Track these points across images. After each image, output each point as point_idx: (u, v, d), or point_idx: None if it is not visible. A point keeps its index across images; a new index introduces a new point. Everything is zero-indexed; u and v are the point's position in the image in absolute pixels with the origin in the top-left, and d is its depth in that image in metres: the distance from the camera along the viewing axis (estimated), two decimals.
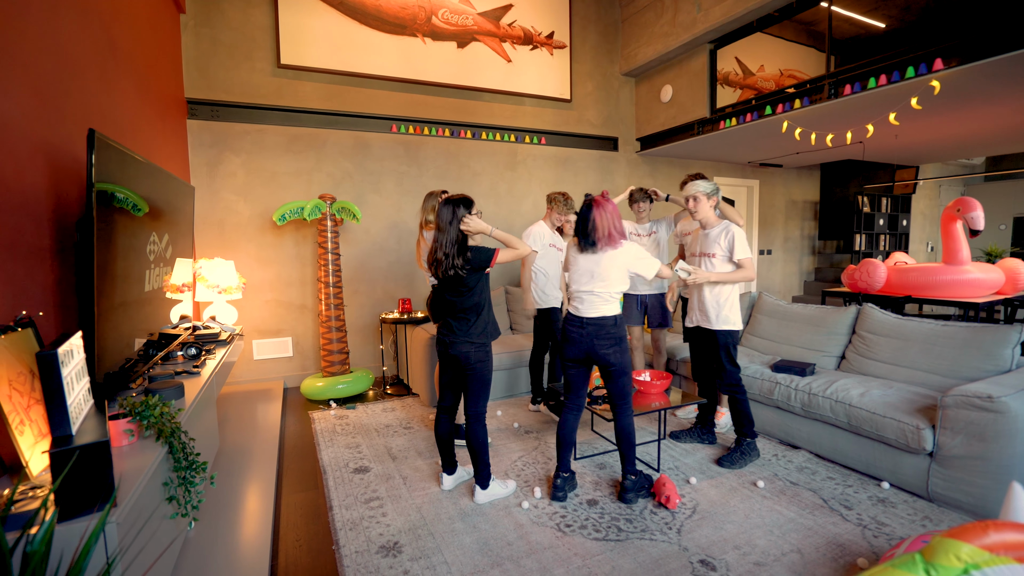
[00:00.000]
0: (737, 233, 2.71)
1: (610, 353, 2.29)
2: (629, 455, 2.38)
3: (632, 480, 2.39)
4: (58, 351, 1.20)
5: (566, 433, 2.43)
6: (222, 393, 3.99)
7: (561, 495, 2.39)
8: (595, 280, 2.30)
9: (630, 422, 2.37)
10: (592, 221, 2.29)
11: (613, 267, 2.28)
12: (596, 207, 2.29)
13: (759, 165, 6.61)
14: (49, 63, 1.81)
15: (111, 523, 1.17)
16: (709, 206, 2.79)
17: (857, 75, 3.56)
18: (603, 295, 2.30)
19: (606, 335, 2.29)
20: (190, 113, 4.00)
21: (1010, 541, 0.71)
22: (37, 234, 1.66)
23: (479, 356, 2.29)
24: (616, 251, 2.29)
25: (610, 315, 2.31)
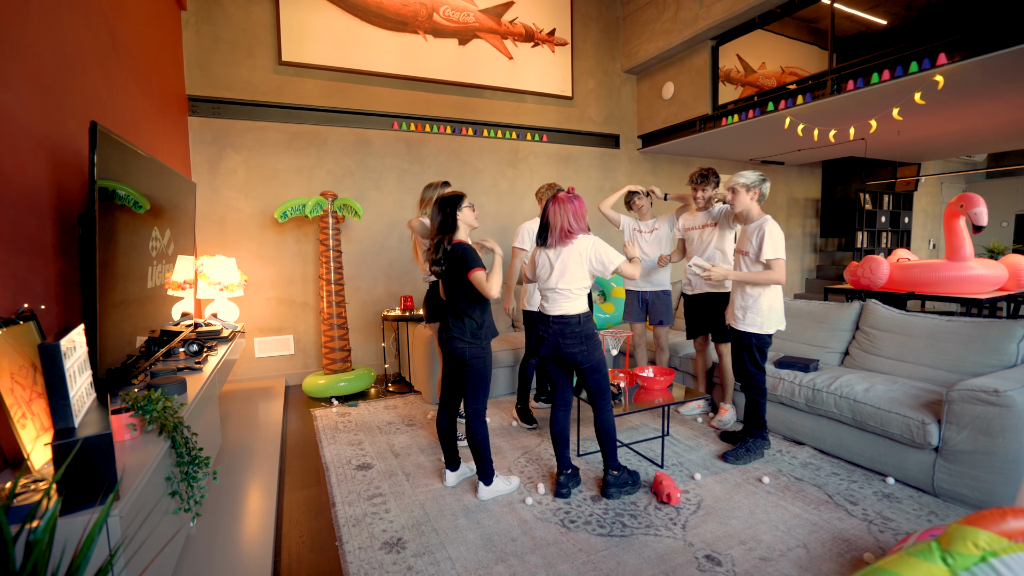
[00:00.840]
0: (769, 231, 2.55)
1: (576, 352, 2.25)
2: (610, 450, 2.36)
3: (614, 475, 2.36)
4: (60, 343, 1.19)
5: (559, 431, 2.42)
6: (224, 391, 3.98)
7: (565, 492, 2.38)
8: (555, 277, 2.26)
9: (609, 418, 2.35)
10: (546, 217, 2.28)
11: (570, 262, 2.24)
12: (553, 203, 2.26)
13: (760, 163, 6.60)
14: (51, 58, 1.80)
15: (114, 516, 1.16)
16: (749, 199, 2.64)
17: (860, 71, 3.55)
18: (565, 292, 2.25)
19: (571, 333, 2.24)
20: (191, 110, 3.99)
21: None
22: (39, 228, 1.65)
23: (475, 353, 2.28)
24: (571, 246, 2.24)
25: (574, 313, 2.26)
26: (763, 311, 2.65)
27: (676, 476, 2.59)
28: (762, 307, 2.65)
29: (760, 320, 2.66)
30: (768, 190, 2.70)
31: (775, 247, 2.55)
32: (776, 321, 2.68)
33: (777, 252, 2.55)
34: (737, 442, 2.88)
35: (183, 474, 1.64)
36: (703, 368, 3.49)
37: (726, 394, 3.32)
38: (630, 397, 2.77)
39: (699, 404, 3.50)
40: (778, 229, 2.59)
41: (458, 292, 2.27)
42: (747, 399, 2.78)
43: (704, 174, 3.25)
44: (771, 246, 2.55)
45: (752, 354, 2.70)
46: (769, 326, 2.66)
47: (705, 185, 3.24)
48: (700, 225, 3.31)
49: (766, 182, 2.68)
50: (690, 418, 3.43)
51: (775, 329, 2.68)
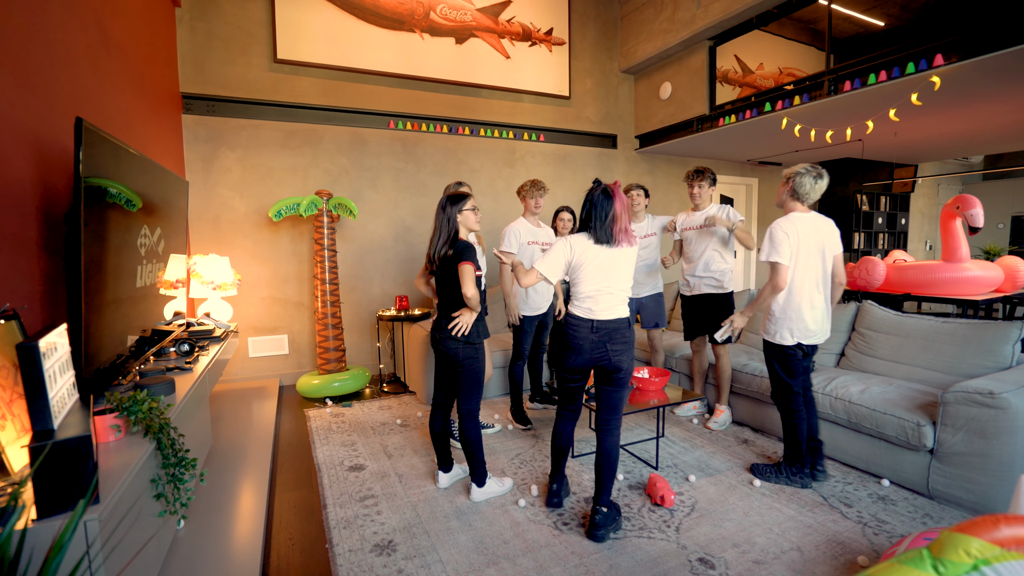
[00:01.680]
0: (771, 230, 2.34)
1: (624, 359, 2.05)
2: (608, 483, 2.07)
3: (604, 513, 2.06)
4: (39, 343, 1.17)
5: (563, 444, 2.27)
6: (217, 391, 3.95)
7: (557, 500, 2.31)
8: (612, 278, 2.05)
9: (615, 442, 2.10)
10: (614, 212, 2.01)
11: (628, 264, 2.08)
12: (618, 197, 2.01)
13: (758, 163, 6.59)
14: (37, 53, 1.77)
15: (93, 520, 1.13)
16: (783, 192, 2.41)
17: (857, 71, 3.54)
18: (620, 294, 2.07)
19: (622, 339, 2.05)
20: (185, 108, 3.96)
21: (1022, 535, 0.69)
22: (22, 226, 1.62)
23: (468, 354, 2.25)
24: (632, 248, 2.09)
25: (625, 316, 2.09)
26: (775, 317, 2.43)
27: (671, 478, 2.58)
28: (774, 313, 2.43)
29: (772, 328, 2.44)
30: (808, 187, 2.33)
31: (769, 249, 2.34)
32: (790, 330, 2.37)
33: (770, 255, 2.33)
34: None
35: (169, 476, 1.62)
36: (700, 369, 3.47)
37: (721, 395, 3.30)
38: None
39: (695, 406, 3.49)
40: (784, 228, 2.31)
41: (452, 292, 2.25)
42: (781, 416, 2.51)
43: (700, 170, 3.24)
44: (767, 247, 2.35)
45: (773, 367, 2.47)
46: (783, 336, 2.39)
47: (701, 181, 3.22)
48: (697, 226, 3.30)
49: (805, 176, 2.33)
50: (686, 419, 3.42)
51: (792, 340, 2.38)
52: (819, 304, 2.40)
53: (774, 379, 2.50)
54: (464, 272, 2.15)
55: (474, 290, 2.16)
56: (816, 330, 2.40)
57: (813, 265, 2.37)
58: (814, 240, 2.36)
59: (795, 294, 2.37)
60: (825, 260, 2.40)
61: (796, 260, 2.34)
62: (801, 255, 2.35)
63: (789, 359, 2.42)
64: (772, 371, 2.50)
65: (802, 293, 2.37)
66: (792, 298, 2.38)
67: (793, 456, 2.47)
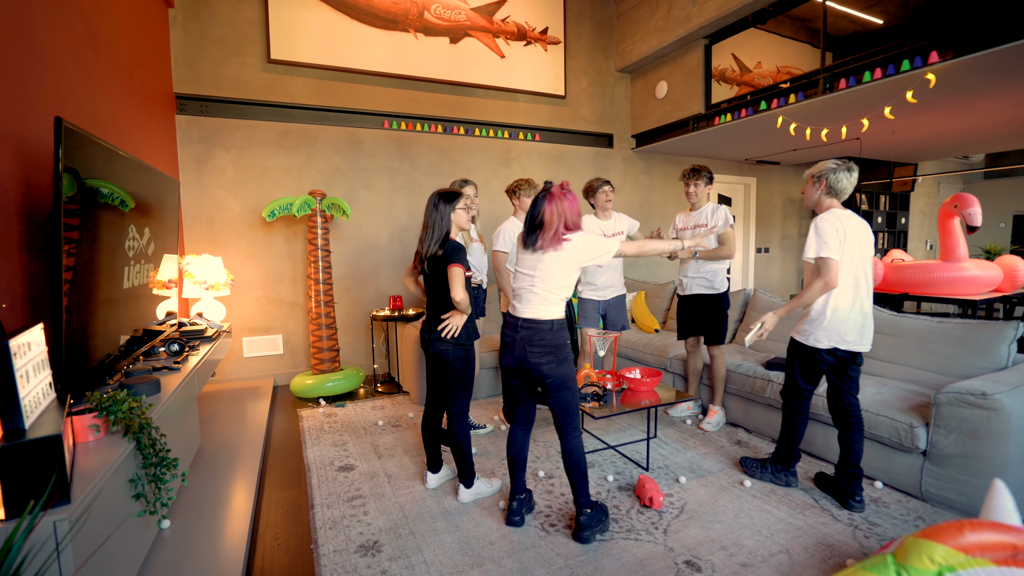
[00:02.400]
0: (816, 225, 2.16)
1: (543, 363, 1.96)
2: (581, 485, 2.02)
3: (587, 514, 2.02)
4: (9, 342, 1.16)
5: (516, 452, 2.16)
6: (211, 390, 3.95)
7: (517, 519, 2.14)
8: (536, 279, 1.99)
9: (578, 446, 2.03)
10: (540, 215, 1.95)
11: (555, 268, 1.97)
12: (549, 200, 1.94)
13: (756, 162, 6.56)
14: (18, 53, 1.77)
15: (62, 520, 1.12)
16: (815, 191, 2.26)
17: (852, 69, 3.51)
18: (543, 294, 1.98)
19: (540, 341, 1.96)
20: (179, 108, 3.96)
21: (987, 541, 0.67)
22: (2, 226, 1.62)
23: (457, 355, 2.24)
24: (559, 252, 1.95)
25: (547, 319, 1.98)
26: (812, 318, 2.23)
27: (661, 479, 2.56)
28: (811, 313, 2.24)
29: (808, 328, 2.24)
30: (844, 182, 2.20)
31: (819, 244, 2.12)
32: (827, 333, 2.18)
33: (821, 250, 2.11)
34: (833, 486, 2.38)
35: (150, 476, 1.61)
36: (694, 370, 3.44)
37: (715, 396, 3.28)
38: (615, 399, 2.73)
39: (689, 406, 3.46)
40: (833, 221, 2.12)
41: (442, 293, 2.23)
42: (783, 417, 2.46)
43: (696, 169, 3.22)
44: (814, 241, 2.14)
45: (791, 363, 2.34)
46: (818, 338, 2.20)
47: (697, 180, 3.21)
48: (694, 225, 3.28)
49: (841, 172, 2.19)
50: (679, 420, 3.39)
51: (828, 345, 2.19)
52: (864, 308, 2.21)
53: (789, 377, 2.37)
54: (453, 275, 2.12)
55: (463, 294, 2.14)
56: (856, 336, 2.19)
57: (856, 265, 2.18)
58: (855, 239, 2.18)
59: (838, 295, 2.17)
60: (865, 261, 2.22)
61: (842, 258, 2.15)
62: (846, 253, 2.15)
63: (813, 363, 2.25)
64: (790, 368, 2.35)
65: (847, 295, 2.17)
66: (835, 298, 2.17)
67: (783, 456, 2.45)
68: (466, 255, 2.21)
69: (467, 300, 2.17)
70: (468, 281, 2.28)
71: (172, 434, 2.02)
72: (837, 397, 2.29)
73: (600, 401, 2.70)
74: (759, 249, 6.89)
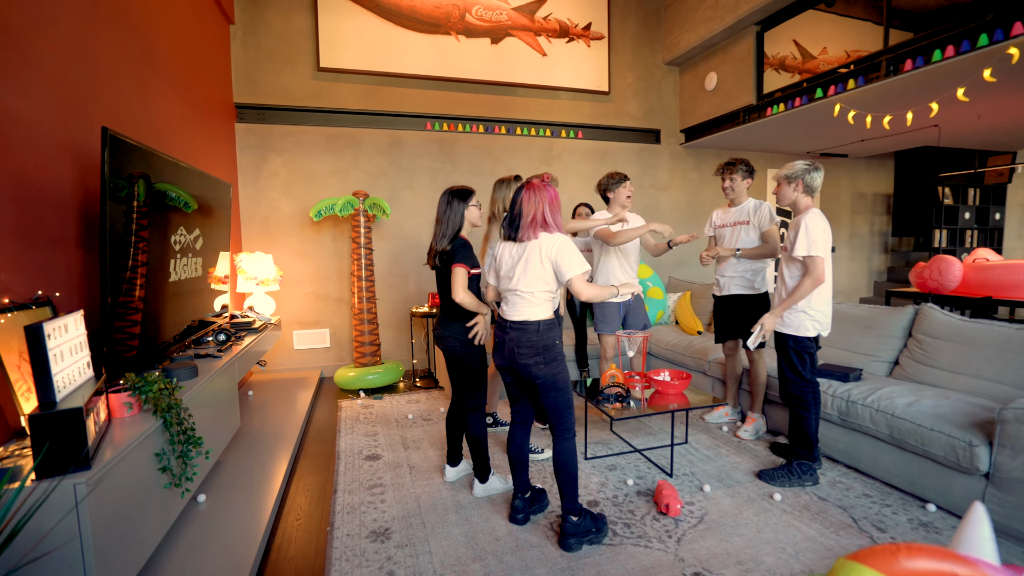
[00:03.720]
0: (807, 223, 2.31)
1: (531, 364, 1.95)
2: (567, 490, 1.98)
3: (573, 522, 1.96)
4: (44, 324, 1.31)
5: (515, 450, 2.15)
6: (262, 379, 4.24)
7: (520, 517, 2.13)
8: (516, 276, 1.96)
9: (568, 448, 1.98)
10: (519, 204, 1.96)
11: (532, 260, 1.94)
12: (527, 189, 1.96)
13: (820, 155, 6.10)
14: (78, 72, 1.99)
15: (81, 484, 1.25)
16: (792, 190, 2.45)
17: (920, 48, 3.18)
18: (526, 295, 1.96)
19: (527, 343, 1.94)
20: (238, 117, 4.28)
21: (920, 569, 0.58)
22: (60, 224, 1.83)
23: (466, 351, 2.25)
24: (535, 243, 1.94)
25: (534, 319, 1.95)
26: (798, 309, 2.41)
27: (685, 487, 2.45)
28: (800, 306, 2.41)
29: (796, 320, 2.43)
30: (817, 181, 2.43)
31: (810, 242, 2.30)
32: (814, 323, 2.41)
33: (812, 248, 2.30)
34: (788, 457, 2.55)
35: (176, 452, 1.76)
36: (732, 374, 3.26)
37: (755, 403, 3.09)
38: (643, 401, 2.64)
39: (727, 412, 3.29)
40: (819, 222, 2.33)
41: (449, 289, 2.25)
42: (790, 412, 2.53)
43: (731, 162, 3.05)
44: (804, 240, 2.31)
45: (789, 359, 2.46)
46: (809, 327, 2.41)
47: (732, 173, 3.04)
48: (732, 222, 3.11)
49: (813, 171, 2.41)
50: (715, 426, 3.23)
51: (815, 333, 2.42)
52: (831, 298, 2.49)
53: (788, 372, 2.49)
54: (455, 276, 2.13)
55: (463, 295, 2.13)
56: (830, 323, 2.47)
57: (829, 260, 2.42)
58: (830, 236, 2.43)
59: (825, 288, 2.42)
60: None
61: (827, 254, 2.37)
62: (827, 250, 2.37)
63: (805, 352, 2.44)
64: (788, 364, 2.48)
65: (828, 288, 2.44)
66: (822, 290, 2.41)
67: (806, 452, 2.45)
68: (472, 253, 2.21)
69: (472, 300, 2.17)
70: (476, 279, 2.29)
71: (207, 415, 2.19)
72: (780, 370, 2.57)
73: (623, 403, 2.62)
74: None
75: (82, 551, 1.27)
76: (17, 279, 1.61)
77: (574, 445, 2.02)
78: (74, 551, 1.26)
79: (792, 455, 2.51)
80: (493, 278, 2.13)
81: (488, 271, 2.16)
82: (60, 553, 1.24)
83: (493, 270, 2.12)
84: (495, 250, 2.13)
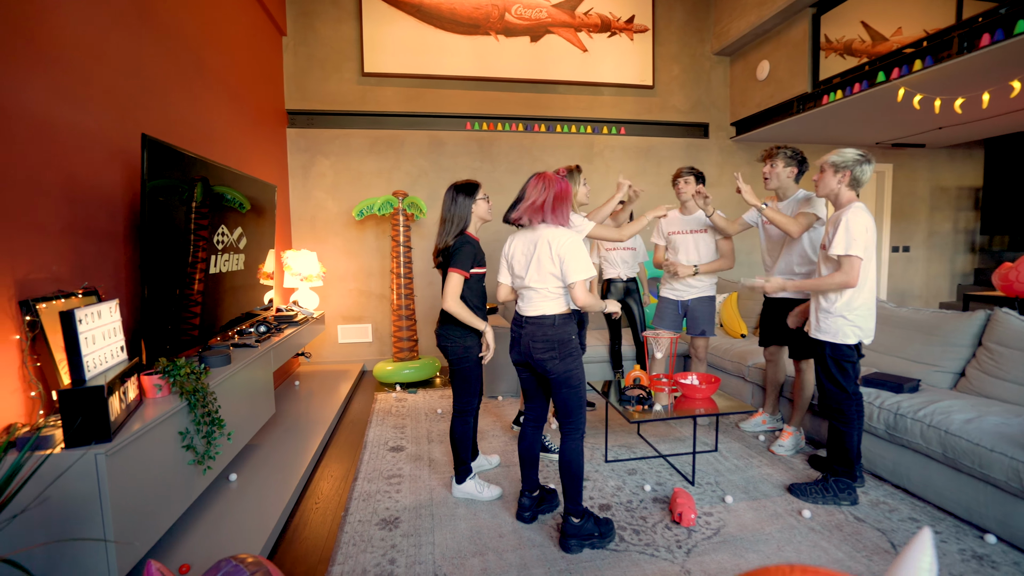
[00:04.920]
0: (848, 220, 2.10)
1: (546, 359, 1.93)
2: (570, 491, 1.95)
3: (574, 524, 1.93)
4: (76, 311, 1.46)
5: (526, 448, 2.14)
6: (307, 371, 4.48)
7: (527, 516, 2.13)
8: (531, 273, 1.95)
9: (575, 448, 1.96)
10: (525, 188, 1.98)
11: (543, 256, 1.91)
12: (538, 177, 1.97)
13: (892, 146, 5.57)
14: (130, 86, 2.20)
15: (101, 454, 1.39)
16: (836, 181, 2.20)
17: (998, 19, 2.82)
18: (541, 290, 1.94)
19: (543, 337, 1.93)
20: (290, 122, 4.56)
21: None
22: (110, 221, 2.03)
23: (459, 354, 2.22)
24: (543, 234, 1.93)
25: (550, 313, 1.95)
26: (835, 315, 2.20)
27: (706, 496, 2.33)
28: (835, 309, 2.20)
29: (833, 325, 2.21)
30: (867, 175, 2.17)
31: (849, 240, 2.09)
32: (855, 329, 2.18)
33: (851, 247, 2.09)
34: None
35: (201, 432, 1.90)
36: (773, 381, 3.05)
37: (795, 415, 2.85)
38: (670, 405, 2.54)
39: (764, 420, 3.09)
40: (863, 219, 2.10)
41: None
42: (829, 425, 2.32)
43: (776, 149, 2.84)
44: (844, 238, 2.10)
45: (827, 368, 2.25)
46: (848, 334, 2.18)
47: (772, 160, 2.83)
48: None
49: (865, 163, 2.16)
50: (751, 435, 3.04)
51: (856, 339, 2.19)
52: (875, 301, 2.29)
53: (827, 383, 2.28)
54: (449, 281, 2.10)
55: (455, 303, 2.10)
56: (873, 329, 2.26)
57: (874, 260, 2.22)
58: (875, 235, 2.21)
59: (867, 291, 2.20)
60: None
61: (869, 254, 2.15)
62: (870, 251, 2.16)
63: (846, 361, 2.23)
64: (827, 374, 2.27)
65: (870, 292, 2.21)
66: (863, 294, 2.20)
67: (845, 469, 2.24)
68: (474, 252, 2.15)
69: (464, 312, 2.12)
70: (481, 278, 2.26)
71: (238, 400, 2.35)
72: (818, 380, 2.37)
73: (644, 405, 2.53)
74: (895, 248, 5.84)
75: (102, 514, 1.40)
76: (68, 271, 1.80)
77: (581, 446, 1.98)
78: (95, 514, 1.40)
79: (829, 471, 2.32)
80: (506, 276, 2.12)
81: (500, 270, 2.14)
82: (83, 514, 1.38)
83: (506, 268, 2.11)
84: (507, 247, 2.11)
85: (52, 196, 1.75)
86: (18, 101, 1.62)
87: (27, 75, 1.65)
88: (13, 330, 1.56)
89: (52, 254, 1.74)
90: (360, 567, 1.86)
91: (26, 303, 1.58)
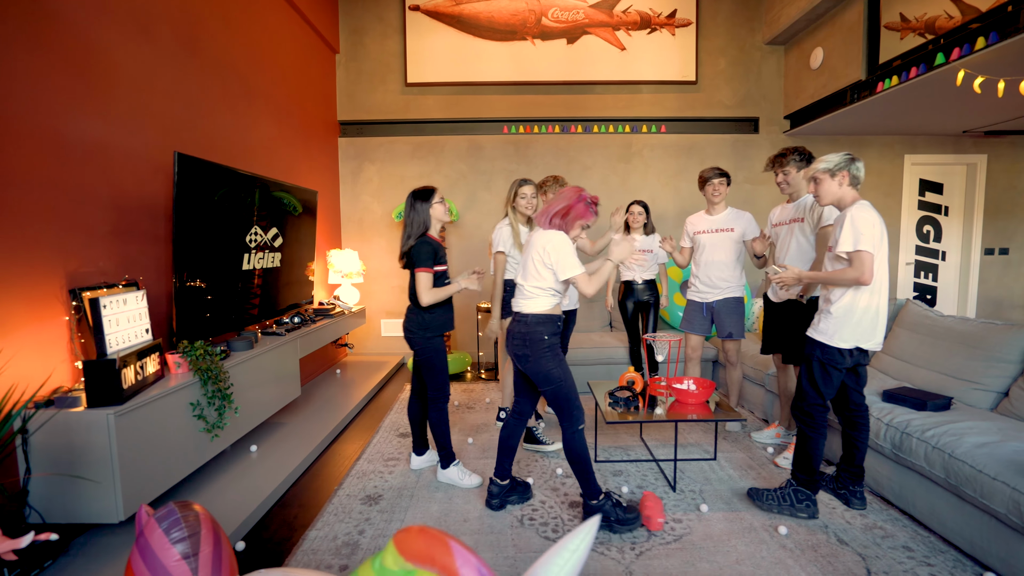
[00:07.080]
0: (852, 217, 2.01)
1: (519, 355, 2.06)
2: (580, 477, 2.07)
3: (592, 504, 2.06)
4: (100, 297, 1.81)
5: (505, 437, 2.26)
6: (349, 361, 4.88)
7: (495, 503, 2.23)
8: (524, 271, 2.12)
9: (577, 439, 2.05)
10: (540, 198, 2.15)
11: (534, 255, 2.06)
12: (569, 188, 2.10)
13: (983, 134, 4.87)
14: (176, 108, 2.60)
15: (111, 414, 1.71)
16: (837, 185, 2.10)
17: None
18: (525, 288, 2.09)
19: (518, 333, 2.07)
20: (341, 132, 4.99)
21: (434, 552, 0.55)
22: (152, 225, 2.43)
23: (422, 345, 2.36)
24: (535, 237, 2.08)
25: (527, 312, 2.07)
26: (835, 316, 2.07)
27: (682, 503, 2.28)
28: (836, 310, 2.07)
29: (830, 326, 2.08)
30: (862, 171, 2.09)
31: (856, 235, 1.98)
32: (854, 332, 2.04)
33: (858, 243, 1.98)
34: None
35: (212, 405, 2.22)
36: (784, 391, 2.88)
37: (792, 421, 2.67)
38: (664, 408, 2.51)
39: (778, 433, 2.92)
40: (868, 215, 2.01)
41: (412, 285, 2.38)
42: (798, 430, 2.21)
43: (782, 153, 2.71)
44: (850, 234, 1.99)
45: (811, 369, 2.14)
46: (843, 337, 2.05)
47: (783, 167, 2.70)
48: (789, 220, 2.77)
49: (855, 161, 2.08)
50: (760, 446, 2.89)
51: (852, 344, 2.05)
52: (885, 305, 2.10)
53: (805, 383, 2.17)
54: (418, 280, 2.27)
55: (429, 295, 2.26)
56: (880, 335, 2.10)
57: (885, 262, 2.06)
58: (885, 233, 2.07)
59: (873, 292, 2.05)
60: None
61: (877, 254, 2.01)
62: (880, 250, 2.03)
63: (835, 365, 2.09)
64: (808, 374, 2.16)
65: (878, 293, 2.06)
66: (867, 296, 2.05)
67: (806, 479, 2.13)
68: (430, 252, 2.28)
69: (442, 292, 2.29)
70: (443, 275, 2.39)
71: (259, 382, 2.69)
72: (845, 397, 2.21)
73: (629, 406, 2.53)
74: (989, 250, 5.10)
75: (112, 465, 1.73)
76: (114, 266, 2.20)
77: (581, 436, 2.07)
78: (106, 461, 1.73)
79: (790, 478, 2.20)
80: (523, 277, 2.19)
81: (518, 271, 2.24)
82: (96, 465, 1.72)
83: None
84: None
85: (101, 204, 2.14)
86: (76, 128, 2.02)
87: (82, 106, 2.06)
88: (63, 312, 1.95)
89: (100, 251, 2.14)
90: (332, 534, 2.07)
91: (74, 291, 1.97)
